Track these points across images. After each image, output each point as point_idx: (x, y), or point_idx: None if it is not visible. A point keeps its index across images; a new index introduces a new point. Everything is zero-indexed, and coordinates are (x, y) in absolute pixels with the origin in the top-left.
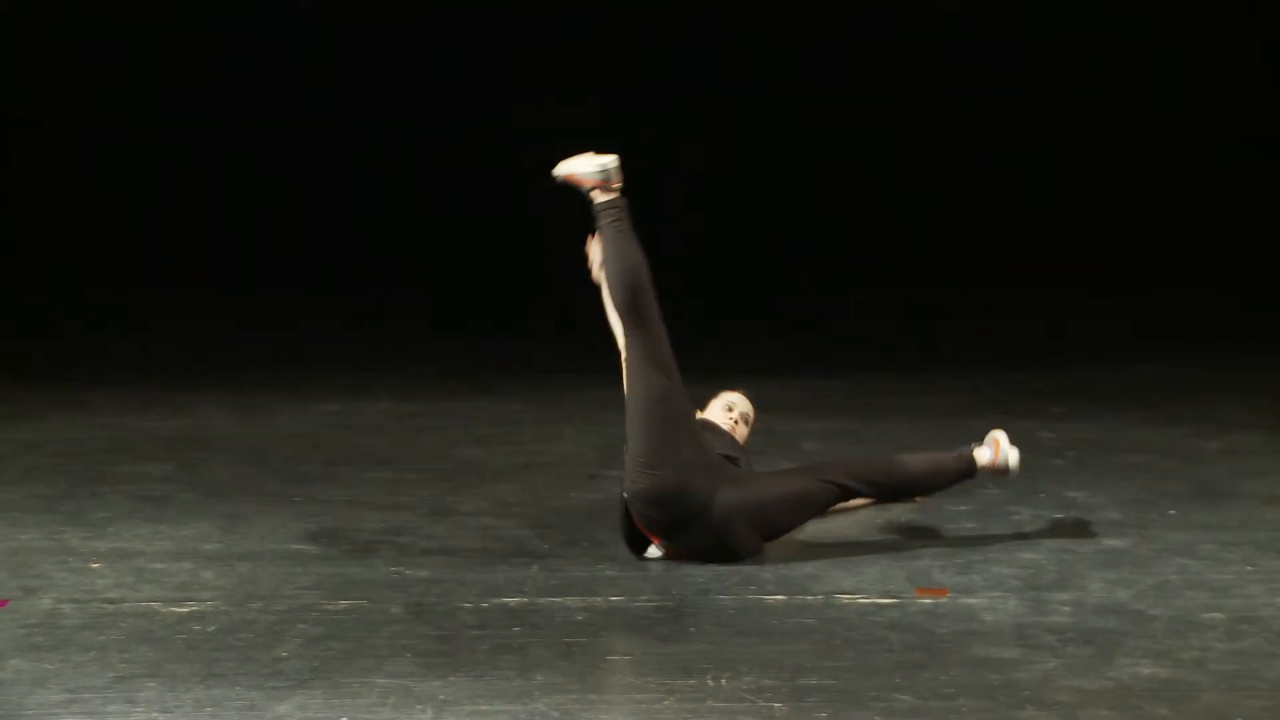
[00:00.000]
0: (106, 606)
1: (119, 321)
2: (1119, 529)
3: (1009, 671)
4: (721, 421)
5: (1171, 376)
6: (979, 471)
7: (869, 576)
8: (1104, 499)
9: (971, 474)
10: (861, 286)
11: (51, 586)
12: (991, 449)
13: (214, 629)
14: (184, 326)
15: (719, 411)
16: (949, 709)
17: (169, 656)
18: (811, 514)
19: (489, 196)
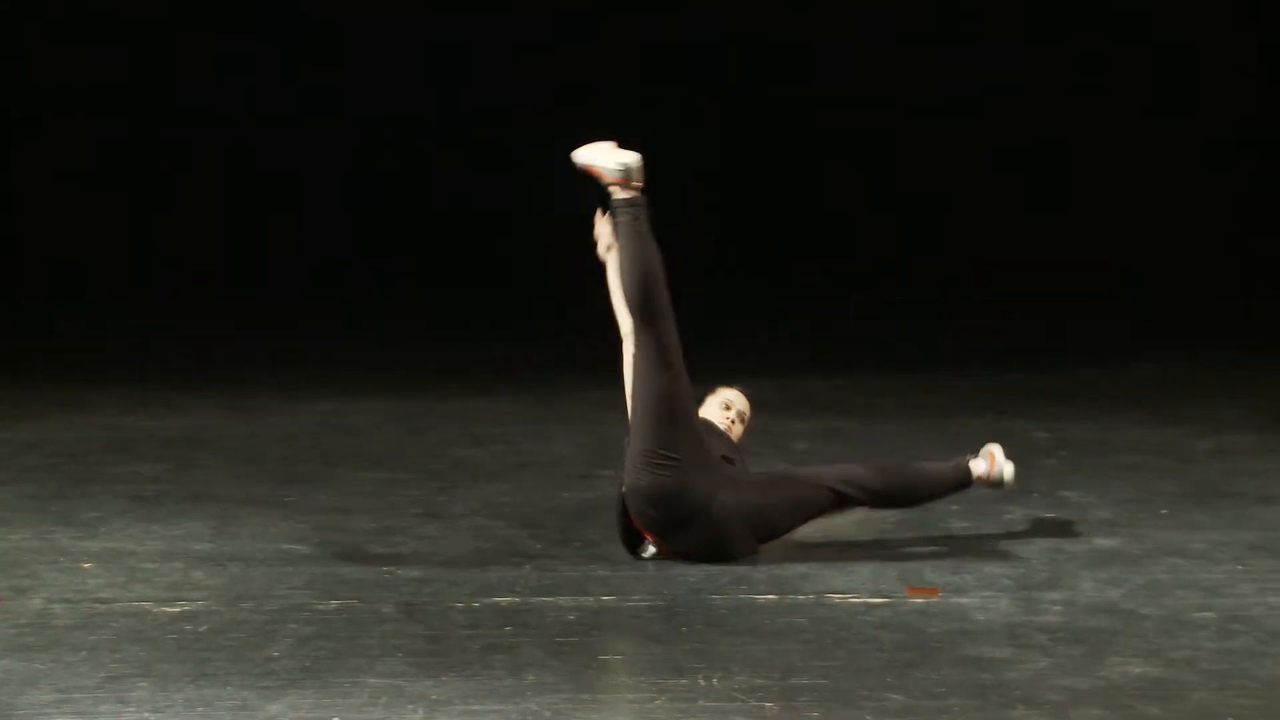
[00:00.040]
0: (98, 606)
1: (119, 321)
2: (1110, 528)
3: (1000, 671)
4: (718, 420)
5: (1168, 376)
6: (974, 482)
7: (860, 576)
8: (1096, 498)
9: (967, 484)
10: (861, 286)
11: (43, 586)
12: (987, 461)
13: (205, 629)
14: (184, 326)
15: (716, 410)
16: (940, 708)
17: (160, 656)
18: (807, 518)
19: (489, 196)
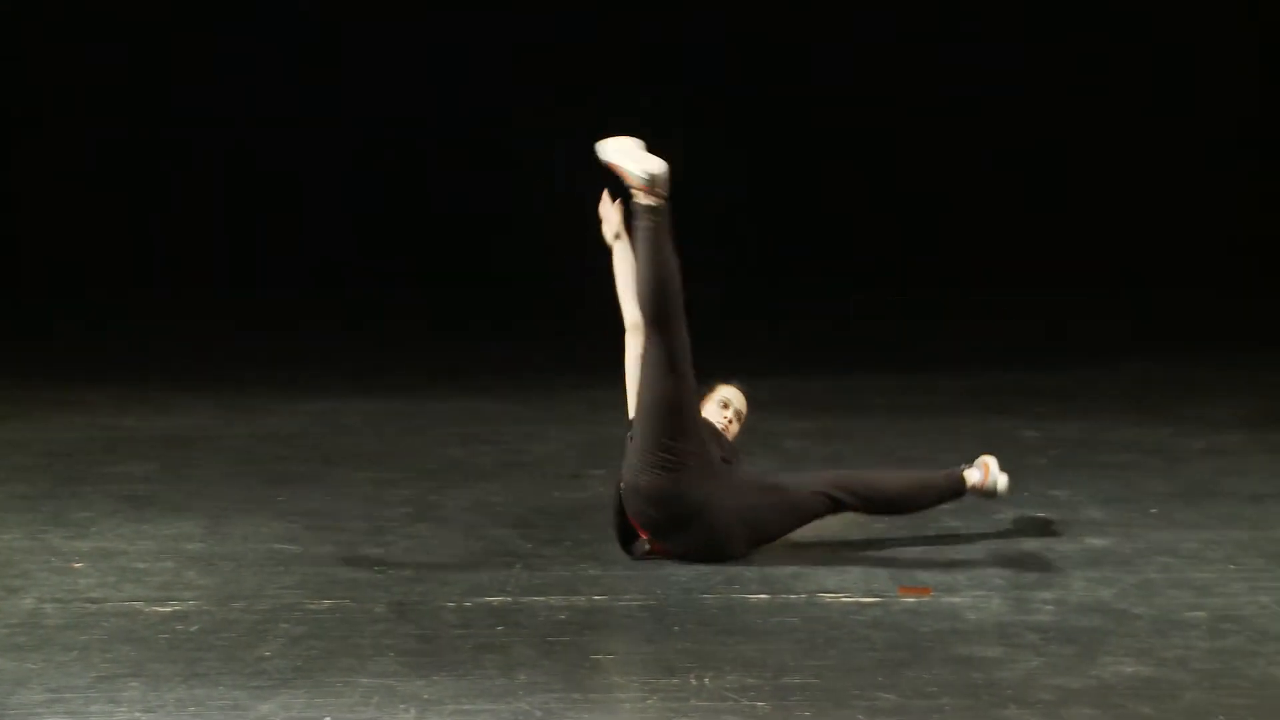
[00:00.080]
0: (89, 606)
1: (119, 321)
2: (1102, 528)
3: (992, 670)
4: (716, 419)
5: (1165, 376)
6: (968, 491)
7: (852, 575)
8: (1087, 498)
9: (960, 494)
10: (861, 286)
11: (34, 586)
12: (981, 471)
13: (197, 628)
14: (183, 326)
15: (714, 409)
16: (932, 708)
17: (152, 656)
18: (800, 523)
19: (489, 196)
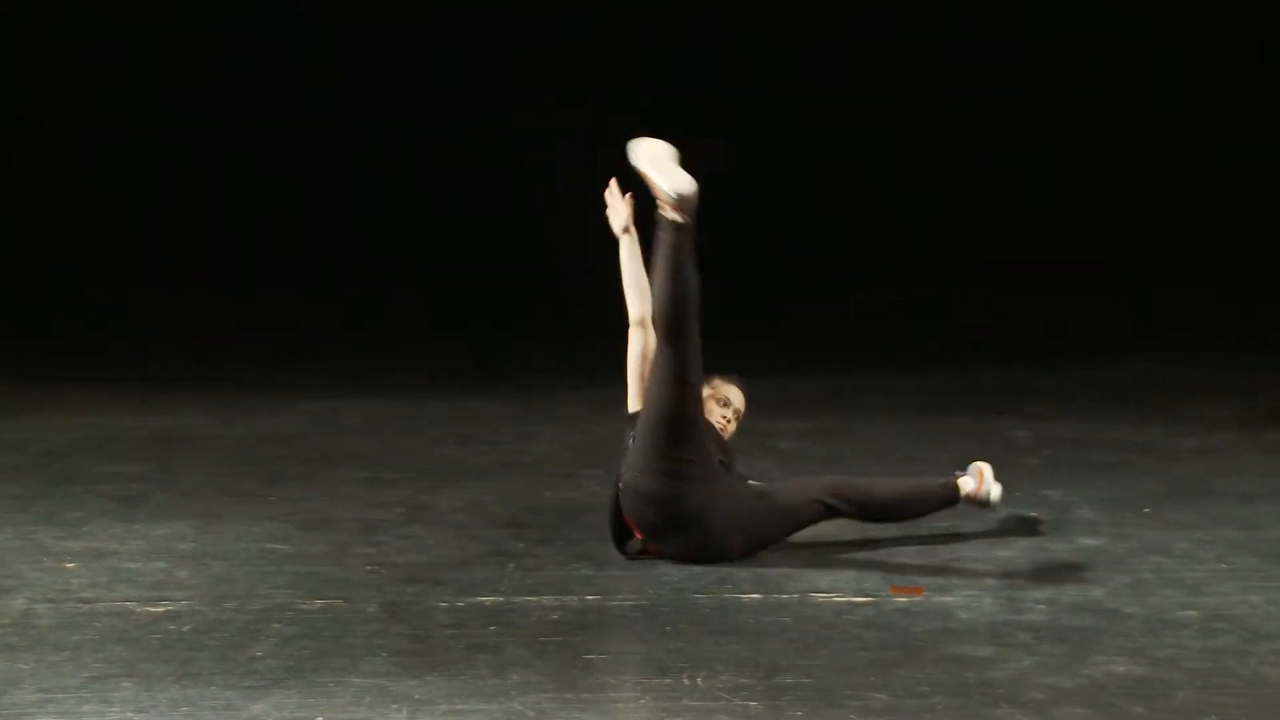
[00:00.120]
0: (81, 606)
1: (119, 321)
2: (1094, 527)
3: (984, 669)
4: (715, 418)
5: (1163, 377)
6: (961, 500)
7: (844, 575)
8: (1079, 498)
9: (954, 502)
10: (861, 286)
11: (25, 586)
12: (976, 479)
13: (189, 628)
14: (183, 326)
15: (713, 407)
16: (924, 707)
17: (144, 656)
18: (795, 529)
19: (489, 196)
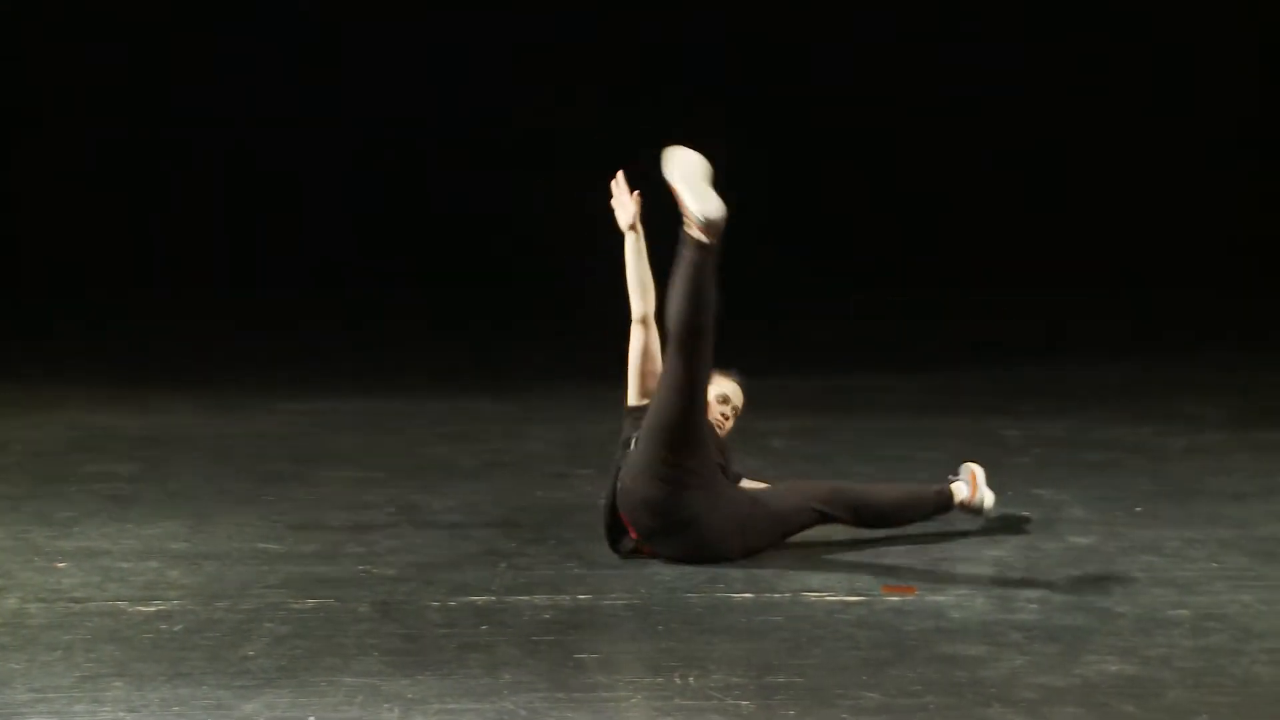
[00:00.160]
0: (73, 606)
1: (119, 321)
2: (1085, 526)
3: (976, 669)
4: (714, 415)
5: (1158, 376)
6: (955, 506)
7: (836, 574)
8: (1070, 496)
9: (948, 508)
10: (861, 286)
11: (17, 586)
12: (969, 486)
13: (181, 628)
14: (183, 326)
15: (711, 403)
16: (916, 706)
17: (135, 656)
18: (788, 534)
19: (489, 196)
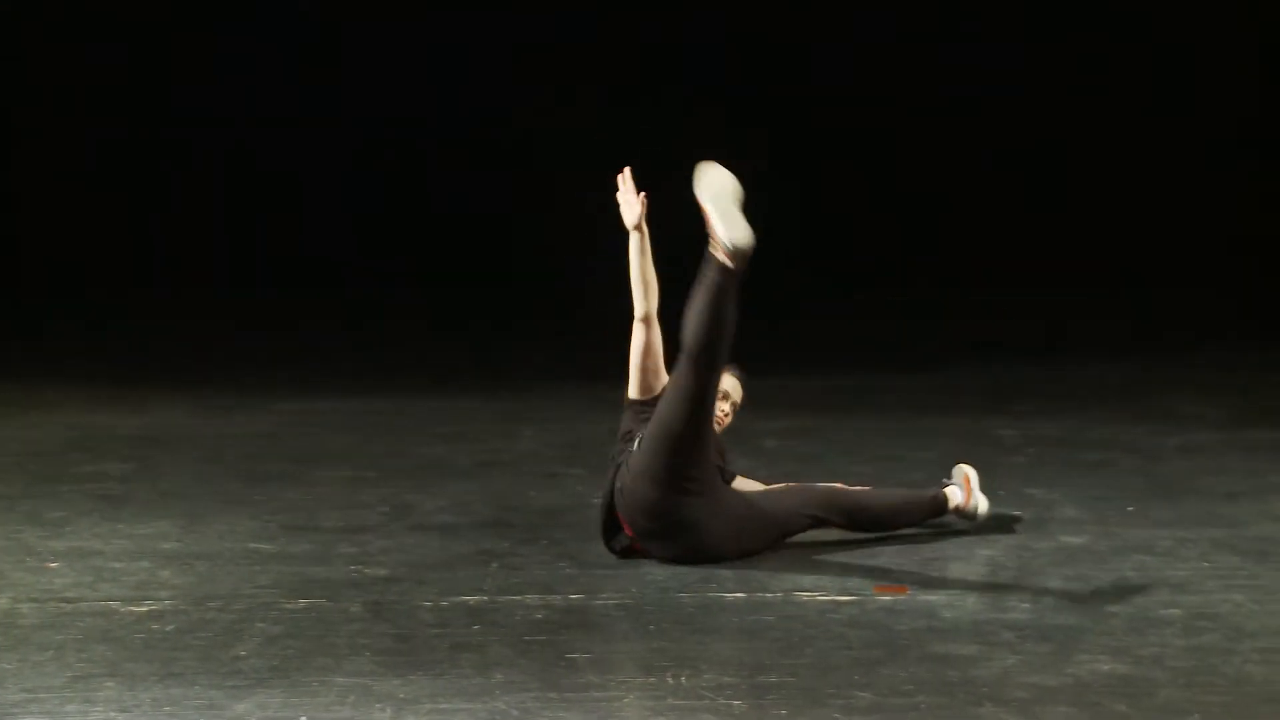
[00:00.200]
0: (64, 606)
1: (119, 321)
2: (1078, 526)
3: (968, 668)
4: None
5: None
6: (949, 511)
7: (828, 574)
8: (1063, 496)
9: (942, 512)
10: (861, 286)
11: (9, 586)
12: (963, 490)
13: (172, 628)
14: (183, 326)
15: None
16: (908, 706)
17: (127, 656)
18: (782, 538)
19: (489, 196)
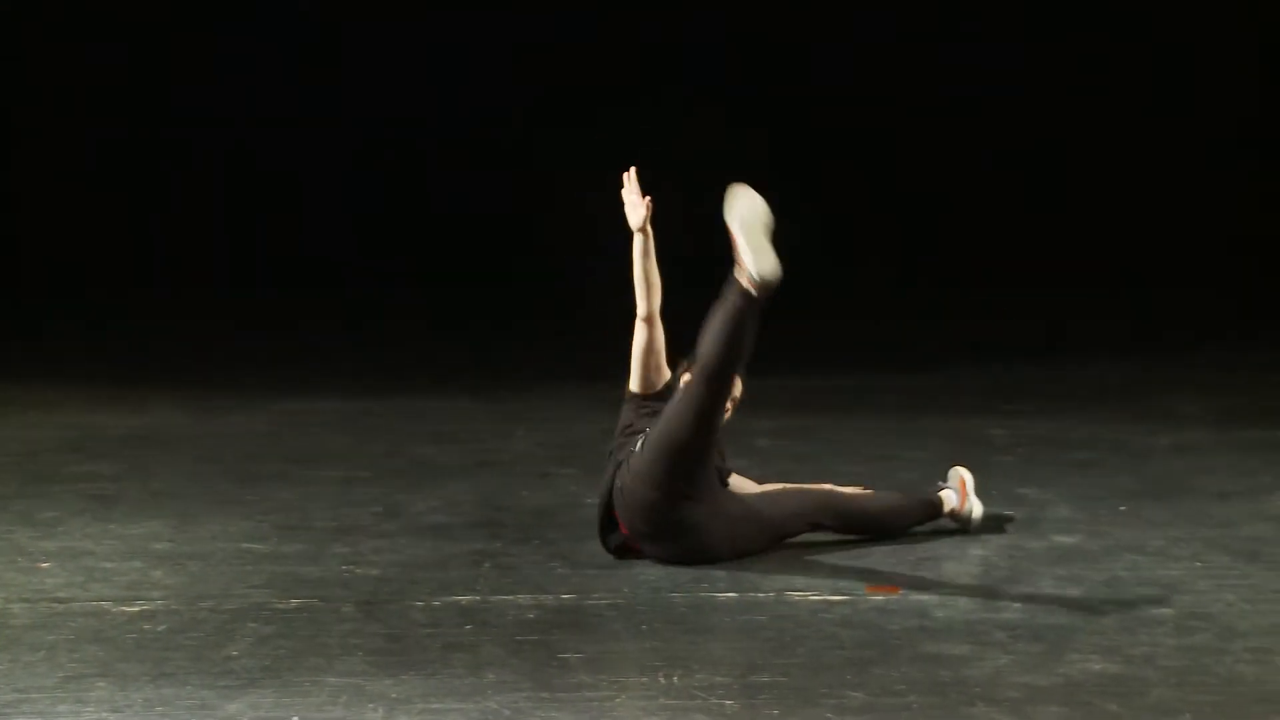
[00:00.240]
0: (56, 606)
1: (119, 321)
2: (1070, 525)
3: (960, 668)
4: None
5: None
6: (944, 515)
7: (821, 574)
8: (1055, 495)
9: (937, 516)
10: (862, 286)
11: (0, 586)
12: (958, 494)
13: (164, 628)
14: (183, 326)
15: None
16: (900, 705)
17: (119, 656)
18: (778, 540)
19: (489, 196)
